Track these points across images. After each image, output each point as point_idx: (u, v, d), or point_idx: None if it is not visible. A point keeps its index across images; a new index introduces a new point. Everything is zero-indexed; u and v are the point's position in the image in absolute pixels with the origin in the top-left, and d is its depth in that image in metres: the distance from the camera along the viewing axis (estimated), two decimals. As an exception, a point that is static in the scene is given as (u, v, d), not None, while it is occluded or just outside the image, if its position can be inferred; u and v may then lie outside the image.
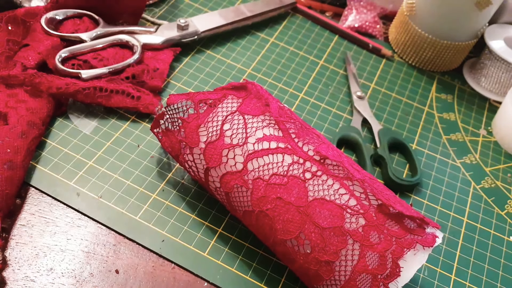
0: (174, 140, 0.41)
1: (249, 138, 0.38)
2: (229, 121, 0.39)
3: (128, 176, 0.44)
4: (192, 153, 0.40)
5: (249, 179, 0.38)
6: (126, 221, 0.41)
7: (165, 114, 0.42)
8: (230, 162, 0.39)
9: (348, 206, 0.35)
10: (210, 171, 0.40)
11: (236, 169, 0.38)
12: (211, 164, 0.39)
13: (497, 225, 0.49)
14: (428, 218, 0.38)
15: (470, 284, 0.44)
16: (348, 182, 0.37)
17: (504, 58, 0.58)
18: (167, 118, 0.42)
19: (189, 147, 0.40)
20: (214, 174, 0.40)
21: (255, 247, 0.42)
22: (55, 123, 0.47)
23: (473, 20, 0.57)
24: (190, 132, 0.40)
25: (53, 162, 0.44)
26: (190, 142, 0.40)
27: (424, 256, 0.35)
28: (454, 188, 0.51)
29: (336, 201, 0.36)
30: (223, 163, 0.39)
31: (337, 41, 0.63)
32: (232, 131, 0.39)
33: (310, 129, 0.40)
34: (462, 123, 0.58)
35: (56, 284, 0.37)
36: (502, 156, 0.55)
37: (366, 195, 0.36)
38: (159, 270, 0.39)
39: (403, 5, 0.61)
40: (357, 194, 0.36)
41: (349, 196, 0.36)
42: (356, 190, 0.36)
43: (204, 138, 0.40)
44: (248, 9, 0.60)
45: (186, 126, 0.41)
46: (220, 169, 0.39)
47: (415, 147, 0.54)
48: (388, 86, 0.59)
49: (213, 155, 0.39)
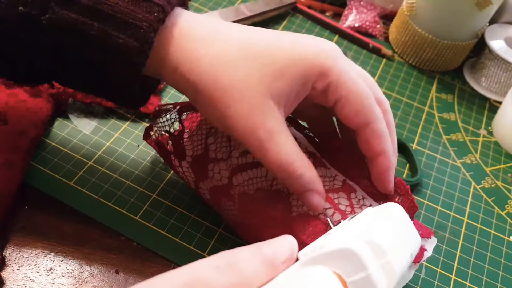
0: (165, 151, 0.41)
1: (233, 151, 0.38)
2: (213, 134, 0.39)
3: (128, 176, 0.44)
4: (181, 165, 0.40)
5: (235, 193, 0.37)
6: (126, 221, 0.41)
7: (153, 126, 0.41)
8: (216, 176, 0.38)
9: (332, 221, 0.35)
10: (199, 183, 0.39)
11: (222, 183, 0.38)
12: (199, 178, 0.39)
13: (498, 225, 0.49)
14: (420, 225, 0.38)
15: (470, 284, 0.44)
16: (334, 194, 0.36)
17: (504, 58, 0.58)
18: (156, 130, 0.41)
19: (178, 160, 0.40)
20: (203, 186, 0.39)
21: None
22: (55, 123, 0.47)
23: (474, 20, 0.57)
24: (177, 145, 0.40)
25: (53, 162, 0.44)
26: (177, 155, 0.40)
27: (410, 272, 0.34)
28: (454, 188, 0.51)
29: (320, 216, 0.35)
30: (209, 177, 0.38)
31: (337, 41, 0.63)
32: (216, 144, 0.38)
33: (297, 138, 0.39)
34: (463, 123, 0.58)
35: (56, 284, 0.37)
36: (502, 156, 0.55)
37: (352, 207, 0.35)
38: (159, 270, 0.39)
39: (403, 4, 0.61)
40: (342, 207, 0.35)
41: (334, 210, 0.35)
42: (341, 203, 0.36)
43: (190, 152, 0.39)
44: (248, 9, 0.60)
45: (172, 139, 0.40)
46: (208, 182, 0.39)
47: (415, 147, 0.53)
48: (389, 86, 0.59)
49: (200, 169, 0.39)
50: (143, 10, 0.31)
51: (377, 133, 0.35)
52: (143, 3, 0.31)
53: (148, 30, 0.31)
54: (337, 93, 0.33)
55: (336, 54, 0.33)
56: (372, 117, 0.34)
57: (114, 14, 0.31)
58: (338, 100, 0.34)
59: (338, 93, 0.33)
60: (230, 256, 0.24)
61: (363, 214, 0.29)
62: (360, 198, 0.36)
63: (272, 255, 0.25)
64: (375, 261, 0.23)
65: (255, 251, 0.25)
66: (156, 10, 0.31)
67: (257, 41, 0.33)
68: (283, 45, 0.33)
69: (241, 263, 0.24)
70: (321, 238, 0.26)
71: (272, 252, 0.25)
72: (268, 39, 0.33)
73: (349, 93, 0.33)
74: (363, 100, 0.34)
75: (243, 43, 0.32)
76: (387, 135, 0.35)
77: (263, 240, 0.28)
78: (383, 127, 0.35)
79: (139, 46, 0.31)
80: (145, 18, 0.31)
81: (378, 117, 0.35)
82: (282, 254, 0.25)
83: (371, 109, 0.34)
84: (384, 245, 0.24)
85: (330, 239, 0.25)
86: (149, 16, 0.31)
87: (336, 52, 0.34)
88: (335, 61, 0.33)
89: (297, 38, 0.34)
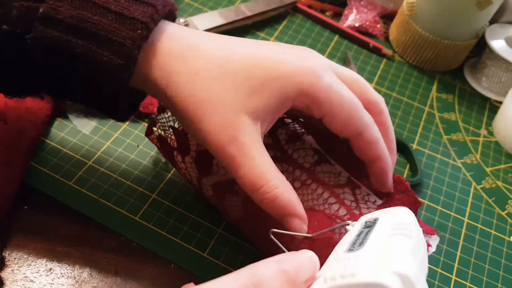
0: (168, 147, 0.41)
1: None
2: None
3: (128, 176, 0.44)
4: (184, 161, 0.40)
5: (239, 188, 0.37)
6: (126, 221, 0.41)
7: (156, 121, 0.42)
8: (220, 171, 0.38)
9: (337, 216, 0.35)
10: (202, 179, 0.39)
11: (227, 178, 0.38)
12: (203, 173, 0.39)
13: (498, 225, 0.48)
14: (423, 223, 0.38)
15: (470, 284, 0.43)
16: (339, 190, 0.36)
17: (505, 57, 0.58)
18: (159, 125, 0.41)
19: (181, 155, 0.40)
20: (206, 182, 0.39)
21: (255, 248, 0.42)
22: (54, 123, 0.46)
23: (474, 20, 0.57)
24: (181, 140, 0.40)
25: (52, 162, 0.44)
26: (181, 151, 0.40)
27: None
28: (454, 188, 0.51)
29: (325, 211, 0.35)
30: (213, 172, 0.38)
31: (338, 41, 0.63)
32: None
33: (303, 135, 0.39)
34: (463, 123, 0.57)
35: (56, 285, 0.37)
36: (503, 156, 0.55)
37: (357, 203, 0.35)
38: (159, 270, 0.39)
39: (404, 4, 0.61)
40: (347, 203, 0.35)
41: (339, 205, 0.35)
42: (347, 199, 0.36)
43: (194, 147, 0.39)
44: (248, 9, 0.60)
45: (177, 134, 0.40)
46: (211, 178, 0.39)
47: (415, 147, 0.53)
48: (389, 86, 0.59)
49: (204, 164, 0.39)
50: (126, 28, 0.32)
51: (369, 141, 0.35)
52: (126, 21, 0.32)
53: (132, 48, 0.31)
54: (322, 109, 0.33)
55: (317, 70, 0.33)
56: (361, 126, 0.34)
57: (98, 32, 0.31)
58: (324, 115, 0.34)
59: (323, 109, 0.33)
60: (254, 276, 0.23)
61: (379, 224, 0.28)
62: (364, 194, 0.37)
63: (294, 274, 0.24)
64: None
65: (278, 270, 0.24)
66: (140, 27, 0.32)
67: (236, 59, 0.33)
68: (262, 62, 0.33)
69: (265, 283, 0.23)
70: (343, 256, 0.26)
71: (295, 270, 0.24)
72: (248, 56, 0.33)
73: (334, 107, 0.33)
74: (349, 111, 0.34)
75: (222, 61, 0.33)
76: (380, 141, 0.35)
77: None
78: (375, 133, 0.35)
79: (123, 63, 0.31)
80: (128, 35, 0.31)
81: (368, 124, 0.35)
82: (305, 273, 0.25)
83: (360, 119, 0.34)
84: (413, 277, 0.24)
85: (358, 263, 0.24)
86: (132, 34, 0.31)
87: (318, 68, 0.33)
88: (316, 78, 0.33)
89: (278, 54, 0.33)
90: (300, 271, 0.25)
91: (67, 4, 0.31)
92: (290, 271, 0.24)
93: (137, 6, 0.33)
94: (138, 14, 0.32)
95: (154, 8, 0.33)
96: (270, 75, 0.32)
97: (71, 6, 0.31)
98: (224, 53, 0.33)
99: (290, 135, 0.38)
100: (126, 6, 0.32)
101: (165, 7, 0.34)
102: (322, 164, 0.38)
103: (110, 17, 0.32)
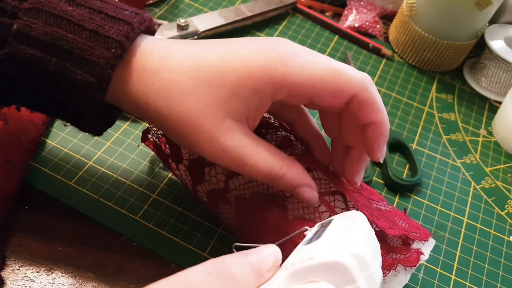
0: (163, 154, 0.41)
1: None
2: None
3: (128, 176, 0.44)
4: (179, 168, 0.40)
5: (231, 197, 0.37)
6: (126, 221, 0.41)
7: (150, 129, 0.41)
8: (212, 180, 0.38)
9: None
10: (196, 186, 0.39)
11: (219, 187, 0.38)
12: (196, 181, 0.39)
13: (497, 225, 0.49)
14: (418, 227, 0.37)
15: (470, 284, 0.44)
16: (330, 197, 0.36)
17: (504, 58, 0.58)
18: (153, 133, 0.41)
19: (175, 163, 0.40)
20: (201, 189, 0.39)
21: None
22: (55, 123, 0.47)
23: (473, 20, 0.57)
24: (173, 148, 0.40)
25: (53, 162, 0.44)
26: (174, 159, 0.40)
27: (406, 277, 0.34)
28: (454, 188, 0.51)
29: (316, 219, 0.35)
30: (206, 180, 0.38)
31: (337, 41, 0.63)
32: None
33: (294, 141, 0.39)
34: (462, 123, 0.58)
35: (56, 284, 0.37)
36: (502, 156, 0.55)
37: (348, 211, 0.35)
38: (159, 270, 0.39)
39: (403, 5, 0.61)
40: (338, 211, 0.35)
41: (329, 214, 0.35)
42: (338, 207, 0.35)
43: (186, 156, 0.39)
44: (248, 9, 0.60)
45: (169, 142, 0.40)
46: (205, 186, 0.39)
47: (415, 147, 0.53)
48: (388, 86, 0.59)
49: (197, 173, 0.39)
50: (101, 47, 0.31)
51: (364, 103, 0.33)
52: (101, 39, 0.31)
53: (106, 67, 0.31)
54: (305, 94, 0.32)
55: (285, 59, 0.32)
56: (353, 88, 0.33)
57: (72, 50, 0.31)
58: (310, 96, 0.33)
59: (305, 93, 0.32)
60: (219, 263, 0.25)
61: (334, 222, 0.29)
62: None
63: (258, 263, 0.26)
64: (361, 273, 0.24)
65: (242, 258, 0.26)
66: (114, 46, 0.31)
67: (207, 66, 0.32)
68: (232, 63, 0.32)
69: (231, 269, 0.25)
70: (302, 248, 0.27)
71: (258, 260, 0.26)
72: (219, 59, 0.32)
73: (314, 85, 0.32)
74: (334, 80, 0.32)
75: (194, 71, 0.32)
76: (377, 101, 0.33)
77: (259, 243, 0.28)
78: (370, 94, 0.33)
79: (96, 82, 0.31)
80: (102, 54, 0.31)
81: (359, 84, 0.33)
82: (268, 262, 0.26)
83: (348, 82, 0.32)
84: (367, 258, 0.25)
85: (315, 249, 0.25)
86: (106, 53, 0.31)
87: (287, 55, 0.32)
88: (285, 66, 0.32)
89: (247, 53, 0.33)
90: (264, 261, 0.26)
91: (42, 21, 0.31)
92: (253, 260, 0.26)
93: (112, 24, 0.32)
94: (113, 33, 0.32)
95: (130, 26, 0.32)
96: (242, 76, 0.32)
97: (45, 23, 0.31)
98: (194, 60, 0.32)
99: (280, 141, 0.38)
100: (101, 24, 0.32)
101: (141, 25, 0.33)
102: (312, 171, 0.37)
103: (85, 35, 0.31)
